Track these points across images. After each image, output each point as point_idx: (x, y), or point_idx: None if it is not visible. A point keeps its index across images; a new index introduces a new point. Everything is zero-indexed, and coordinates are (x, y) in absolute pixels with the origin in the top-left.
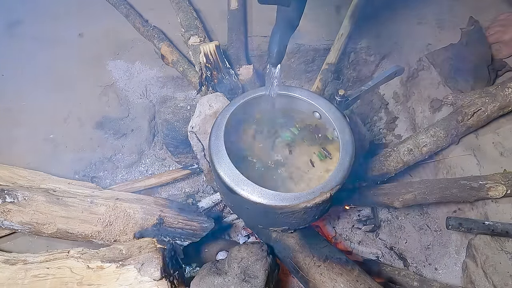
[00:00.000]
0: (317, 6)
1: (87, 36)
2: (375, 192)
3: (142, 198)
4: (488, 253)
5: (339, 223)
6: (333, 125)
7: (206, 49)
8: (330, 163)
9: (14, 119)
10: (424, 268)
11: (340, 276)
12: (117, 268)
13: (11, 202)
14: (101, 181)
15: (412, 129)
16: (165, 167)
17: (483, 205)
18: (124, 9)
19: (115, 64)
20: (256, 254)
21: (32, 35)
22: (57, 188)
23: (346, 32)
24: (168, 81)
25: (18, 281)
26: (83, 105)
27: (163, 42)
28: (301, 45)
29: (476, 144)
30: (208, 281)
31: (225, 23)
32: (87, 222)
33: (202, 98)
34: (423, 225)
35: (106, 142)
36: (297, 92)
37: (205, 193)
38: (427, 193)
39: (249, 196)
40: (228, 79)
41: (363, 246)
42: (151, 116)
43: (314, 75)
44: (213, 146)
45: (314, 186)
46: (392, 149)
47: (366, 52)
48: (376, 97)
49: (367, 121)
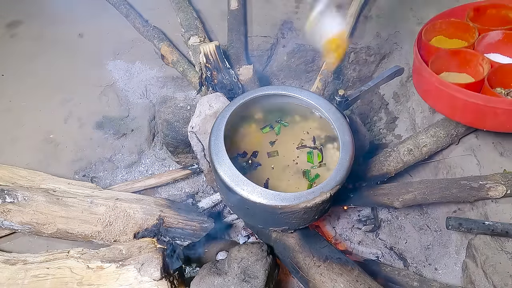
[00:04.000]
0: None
1: (87, 36)
2: (375, 192)
3: (142, 198)
4: (488, 253)
5: (339, 223)
6: (333, 125)
7: (206, 49)
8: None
9: (14, 119)
10: (424, 268)
11: (340, 276)
12: (117, 268)
13: (11, 202)
14: (101, 181)
15: (412, 129)
16: (165, 167)
17: (483, 205)
18: (124, 9)
19: (115, 64)
20: (256, 254)
21: (32, 35)
22: (57, 188)
23: (346, 32)
24: (168, 81)
25: (18, 281)
26: (83, 105)
27: (163, 42)
28: (301, 45)
29: (476, 144)
30: (208, 281)
31: (225, 23)
32: (87, 222)
33: (202, 98)
34: (423, 225)
35: (106, 142)
36: (297, 92)
37: (205, 193)
38: (427, 193)
39: (249, 196)
40: (228, 79)
41: (363, 246)
42: (151, 116)
43: (314, 75)
44: (213, 146)
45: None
46: (392, 149)
47: (366, 52)
48: (376, 97)
49: (367, 121)
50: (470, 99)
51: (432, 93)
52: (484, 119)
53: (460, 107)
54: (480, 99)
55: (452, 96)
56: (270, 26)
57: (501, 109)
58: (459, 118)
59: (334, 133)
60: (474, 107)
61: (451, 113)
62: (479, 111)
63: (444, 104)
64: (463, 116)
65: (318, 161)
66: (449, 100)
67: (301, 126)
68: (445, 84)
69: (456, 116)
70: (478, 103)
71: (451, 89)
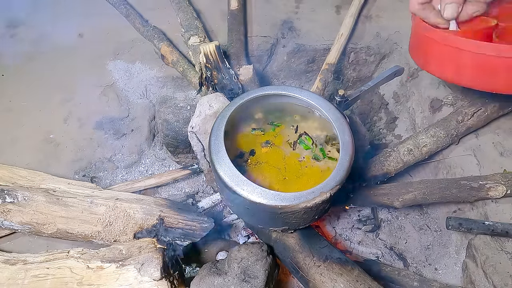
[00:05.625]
0: (317, 6)
1: (87, 36)
2: (375, 192)
3: (142, 198)
4: (488, 253)
5: (339, 223)
6: (333, 125)
7: (206, 49)
8: (327, 163)
9: (14, 119)
10: (424, 268)
11: (340, 276)
12: (117, 268)
13: (11, 202)
14: (101, 181)
15: (412, 129)
16: (165, 167)
17: (483, 205)
18: (124, 9)
19: (115, 64)
20: (256, 254)
21: (32, 35)
22: (57, 188)
23: (346, 32)
24: (168, 81)
25: (18, 281)
26: (83, 105)
27: (163, 42)
28: (301, 45)
29: (476, 144)
30: (208, 281)
31: (225, 23)
32: (87, 222)
33: (202, 98)
34: (423, 225)
35: (106, 142)
36: (297, 92)
37: (205, 193)
38: (427, 193)
39: (249, 196)
40: (228, 79)
41: (363, 246)
42: (151, 116)
43: (314, 75)
44: (213, 146)
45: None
46: (392, 149)
47: (366, 52)
48: (376, 97)
49: (367, 121)
50: (479, 51)
51: (434, 54)
52: (496, 77)
53: (468, 64)
54: (491, 49)
55: (457, 52)
56: (270, 26)
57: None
58: (467, 80)
59: (334, 133)
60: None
61: (457, 76)
62: (490, 65)
63: (449, 65)
64: (471, 77)
65: (310, 142)
66: (454, 57)
67: (290, 123)
68: (449, 38)
69: (463, 79)
70: (489, 54)
71: (456, 43)
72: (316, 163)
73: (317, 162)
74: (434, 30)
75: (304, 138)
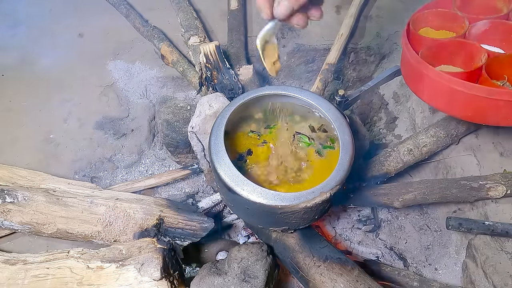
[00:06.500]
0: None
1: (87, 36)
2: (375, 192)
3: (142, 198)
4: (488, 253)
5: (339, 223)
6: (333, 125)
7: (206, 49)
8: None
9: (14, 119)
10: (424, 268)
11: (340, 276)
12: (117, 268)
13: (11, 202)
14: (101, 181)
15: (412, 129)
16: (165, 167)
17: (483, 205)
18: (124, 9)
19: (115, 64)
20: (256, 254)
21: (32, 35)
22: (57, 188)
23: (346, 32)
24: (168, 81)
25: (18, 281)
26: (83, 105)
27: (163, 42)
28: (301, 45)
29: (476, 144)
30: (208, 281)
31: (225, 23)
32: (87, 222)
33: (202, 98)
34: (423, 225)
35: (106, 142)
36: (297, 92)
37: (205, 193)
38: (427, 193)
39: (249, 196)
40: (228, 79)
41: (363, 246)
42: (151, 116)
43: (314, 75)
44: (213, 146)
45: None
46: (392, 149)
47: (366, 52)
48: (376, 97)
49: (367, 121)
50: (470, 92)
51: (427, 86)
52: (485, 113)
53: (460, 101)
54: (482, 91)
55: (450, 89)
56: None
57: (504, 101)
58: (458, 113)
59: (334, 133)
60: (475, 100)
61: (449, 108)
62: (480, 104)
63: (441, 99)
64: (462, 111)
65: (306, 139)
66: (446, 93)
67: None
68: (443, 76)
69: (454, 111)
70: (479, 95)
71: (449, 82)
72: (316, 161)
73: (316, 160)
74: (427, 65)
75: (300, 137)
